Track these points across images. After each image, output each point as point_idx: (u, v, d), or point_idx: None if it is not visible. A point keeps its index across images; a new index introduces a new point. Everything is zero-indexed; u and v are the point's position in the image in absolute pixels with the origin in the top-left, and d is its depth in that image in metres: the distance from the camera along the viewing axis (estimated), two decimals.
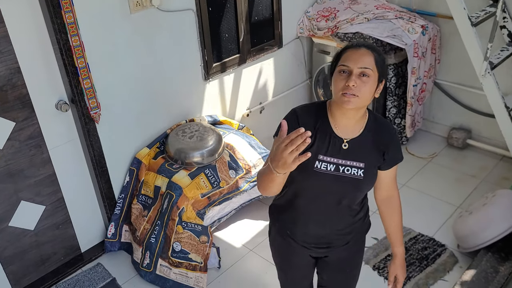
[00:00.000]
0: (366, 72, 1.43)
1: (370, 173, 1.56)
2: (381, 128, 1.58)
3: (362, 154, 1.54)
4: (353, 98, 1.43)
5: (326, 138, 1.53)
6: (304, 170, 1.52)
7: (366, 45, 1.48)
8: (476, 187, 3.23)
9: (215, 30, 3.07)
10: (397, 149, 1.62)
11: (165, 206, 2.72)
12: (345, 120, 1.53)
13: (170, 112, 3.01)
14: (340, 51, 1.52)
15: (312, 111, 1.57)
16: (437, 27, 3.43)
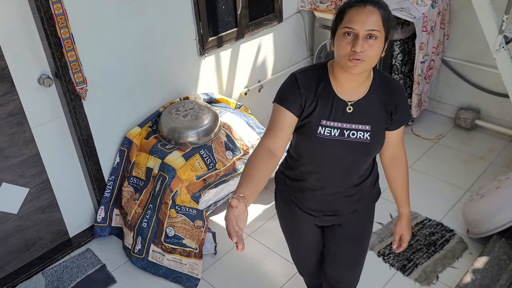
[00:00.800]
0: (374, 34, 1.33)
1: (378, 135, 1.49)
2: (388, 87, 1.50)
3: (368, 116, 1.47)
4: (360, 63, 1.33)
5: (329, 102, 1.45)
6: (307, 137, 1.48)
7: (371, 1, 1.35)
8: (485, 170, 3.08)
9: (211, 1, 2.87)
10: (406, 109, 1.54)
11: (157, 189, 2.55)
12: (348, 82, 1.44)
13: (163, 89, 2.82)
14: (342, 7, 1.38)
15: (312, 74, 1.47)
16: (446, 0, 3.23)
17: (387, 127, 1.52)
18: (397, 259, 2.48)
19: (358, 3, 1.34)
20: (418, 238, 2.60)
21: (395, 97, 1.49)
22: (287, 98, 1.44)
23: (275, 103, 1.48)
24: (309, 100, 1.44)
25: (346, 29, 1.33)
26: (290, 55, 3.60)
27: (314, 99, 1.44)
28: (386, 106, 1.49)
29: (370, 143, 1.47)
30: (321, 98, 1.45)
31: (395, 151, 1.63)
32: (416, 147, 3.33)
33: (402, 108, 1.51)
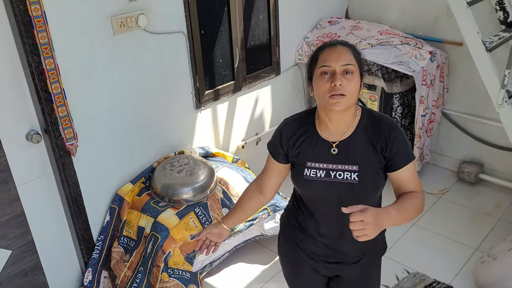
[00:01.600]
0: (350, 68, 1.37)
1: (367, 175, 1.43)
2: (377, 123, 1.45)
3: (355, 155, 1.44)
4: (341, 98, 1.36)
5: (312, 143, 1.48)
6: (296, 179, 1.53)
7: (340, 42, 1.43)
8: (493, 227, 2.95)
9: (208, 55, 2.83)
10: (402, 145, 1.43)
11: (149, 250, 2.40)
12: (333, 124, 1.45)
13: (157, 144, 2.73)
14: (315, 52, 1.45)
15: (299, 120, 1.54)
16: (445, 53, 3.22)
17: (383, 167, 1.44)
18: None
19: (328, 45, 1.42)
20: None
21: (385, 133, 1.43)
22: (273, 146, 1.58)
23: (268, 149, 1.61)
24: (292, 147, 1.50)
25: (322, 69, 1.38)
26: (288, 108, 3.54)
27: (297, 145, 1.49)
28: (375, 144, 1.43)
29: (358, 184, 1.42)
30: (305, 142, 1.49)
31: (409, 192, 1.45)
32: None
33: (397, 144, 1.41)
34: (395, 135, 1.42)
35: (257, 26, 3.09)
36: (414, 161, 1.46)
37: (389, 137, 1.42)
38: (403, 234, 2.88)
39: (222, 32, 2.86)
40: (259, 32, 3.12)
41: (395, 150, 1.41)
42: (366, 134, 1.45)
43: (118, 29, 2.33)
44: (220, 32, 2.86)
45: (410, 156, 1.45)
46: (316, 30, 3.45)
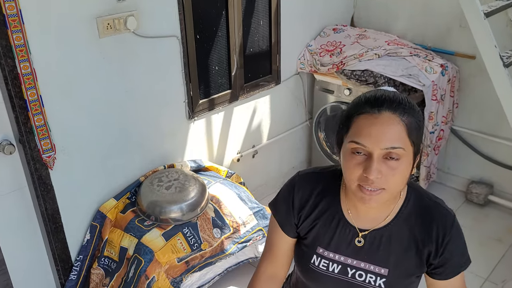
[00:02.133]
0: (396, 153, 0.96)
1: (399, 284, 1.09)
2: (429, 215, 1.07)
3: (388, 255, 1.08)
4: (376, 194, 0.98)
5: (332, 224, 1.11)
6: (299, 263, 1.19)
7: (390, 104, 0.97)
8: (504, 254, 2.75)
9: (203, 61, 2.63)
10: (457, 250, 1.09)
11: (131, 275, 2.19)
12: (364, 207, 1.07)
13: (146, 156, 2.52)
14: (349, 111, 1.03)
15: (318, 182, 1.14)
16: (456, 67, 3.03)
17: (421, 274, 1.13)
18: None
19: (370, 107, 0.98)
20: None
21: (437, 233, 1.07)
22: (280, 210, 1.18)
23: (271, 210, 1.18)
24: (306, 218, 1.13)
25: (354, 145, 0.98)
26: (288, 119, 3.34)
27: (313, 217, 1.13)
28: (420, 245, 1.08)
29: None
30: (322, 218, 1.12)
31: None
32: None
33: (451, 248, 1.07)
34: (451, 236, 1.07)
35: (257, 32, 2.89)
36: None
37: (442, 240, 1.07)
38: None
39: (219, 37, 2.66)
40: (259, 38, 2.92)
41: (446, 257, 1.08)
42: (409, 227, 1.09)
43: (104, 32, 2.12)
44: (217, 37, 2.66)
45: (463, 265, 1.12)
46: (319, 38, 3.25)
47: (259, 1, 2.82)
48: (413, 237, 1.08)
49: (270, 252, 1.23)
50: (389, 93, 1.00)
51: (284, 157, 3.43)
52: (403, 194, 1.10)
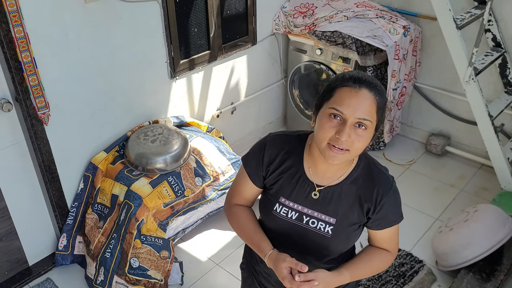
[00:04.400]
0: (365, 123, 1.16)
1: (343, 232, 1.30)
2: (372, 180, 1.28)
3: (336, 207, 1.29)
4: (342, 153, 1.17)
5: (294, 179, 1.30)
6: (264, 209, 1.37)
7: (368, 83, 1.17)
8: (454, 198, 3.10)
9: (183, 24, 2.81)
10: (391, 210, 1.30)
11: (122, 218, 2.46)
12: (323, 165, 1.27)
13: (131, 113, 2.74)
14: (334, 83, 1.20)
15: (286, 143, 1.32)
16: (419, 28, 3.26)
17: (362, 224, 1.33)
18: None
19: (352, 82, 1.16)
20: (387, 269, 2.57)
21: (376, 194, 1.27)
22: (250, 163, 1.37)
23: (242, 161, 1.40)
24: (272, 173, 1.32)
25: (333, 111, 1.16)
26: (264, 77, 3.56)
27: (278, 172, 1.31)
28: (363, 202, 1.28)
29: (330, 239, 1.29)
30: (287, 173, 1.31)
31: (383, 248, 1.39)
32: None
33: (386, 208, 1.28)
34: (388, 199, 1.27)
35: None
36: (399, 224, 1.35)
37: (380, 201, 1.27)
38: None
39: (197, 0, 2.83)
40: (235, 0, 3.09)
41: (382, 214, 1.28)
42: (356, 187, 1.28)
43: None
44: (196, 0, 2.82)
45: (397, 220, 1.33)
46: (293, 0, 3.43)
47: None
48: (358, 196, 1.28)
49: (237, 196, 1.43)
50: (369, 76, 1.20)
51: (261, 113, 3.68)
52: (355, 160, 1.30)
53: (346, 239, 1.32)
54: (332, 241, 1.29)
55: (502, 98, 2.94)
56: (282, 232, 1.34)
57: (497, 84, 3.10)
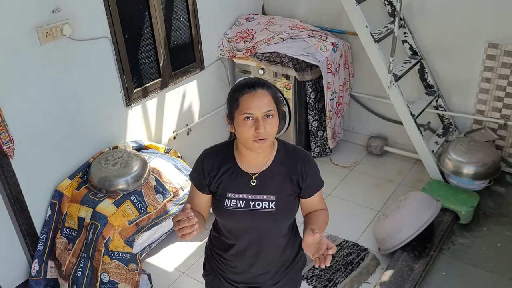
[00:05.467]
0: (271, 113, 1.45)
1: (284, 204, 1.56)
2: (293, 157, 1.57)
3: (273, 186, 1.55)
4: (264, 142, 1.45)
5: (233, 175, 1.56)
6: (217, 209, 1.60)
7: (259, 84, 1.46)
8: (394, 191, 3.45)
9: (133, 56, 3.09)
10: (314, 176, 1.60)
11: (90, 237, 2.66)
12: (252, 157, 1.54)
13: (92, 141, 2.97)
14: (235, 94, 1.47)
15: (219, 152, 1.59)
16: (347, 43, 3.66)
17: (298, 195, 1.59)
18: (319, 280, 2.73)
19: (248, 88, 1.44)
20: (337, 259, 2.86)
21: (299, 166, 1.55)
22: (195, 177, 1.60)
23: (190, 179, 1.64)
24: (214, 178, 1.56)
25: (245, 115, 1.42)
26: (215, 99, 3.86)
27: (219, 176, 1.55)
28: (291, 176, 1.55)
29: (275, 213, 1.53)
30: (226, 174, 1.55)
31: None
32: (334, 176, 3.66)
33: (310, 175, 1.56)
34: (309, 168, 1.56)
35: (178, 26, 3.36)
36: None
37: (303, 170, 1.55)
38: None
39: (145, 34, 3.12)
40: (180, 31, 3.39)
41: (309, 182, 1.57)
42: (283, 166, 1.55)
43: (44, 39, 2.53)
44: (143, 34, 3.11)
45: (320, 184, 1.62)
46: (234, 27, 3.77)
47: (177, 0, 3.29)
48: (286, 172, 1.55)
49: (192, 207, 1.58)
50: (257, 78, 1.49)
51: (215, 132, 3.96)
52: (275, 146, 1.57)
53: (288, 209, 1.57)
54: (278, 214, 1.54)
55: (423, 99, 3.34)
56: (237, 221, 1.57)
57: (420, 87, 3.51)
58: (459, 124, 3.47)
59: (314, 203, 1.63)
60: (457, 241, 2.81)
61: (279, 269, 1.67)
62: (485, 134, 3.24)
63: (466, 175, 3.00)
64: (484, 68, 3.17)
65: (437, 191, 3.06)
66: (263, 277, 1.67)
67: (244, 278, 1.67)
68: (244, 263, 1.65)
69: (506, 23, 3.01)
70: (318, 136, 3.78)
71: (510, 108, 3.18)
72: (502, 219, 2.96)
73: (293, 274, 1.73)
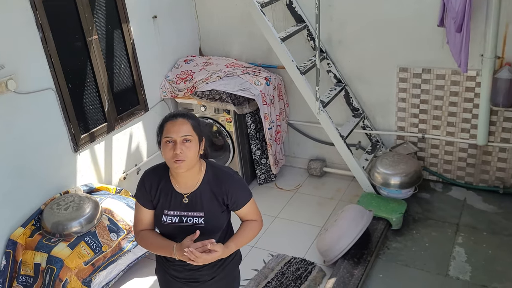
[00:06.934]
0: (188, 138, 1.72)
1: (212, 219, 1.81)
2: (218, 179, 1.82)
3: (201, 204, 1.80)
4: (182, 162, 1.70)
5: (168, 195, 1.81)
6: (157, 223, 1.87)
7: (181, 115, 1.76)
8: (334, 208, 3.74)
9: (78, 104, 3.25)
10: (240, 193, 1.84)
11: (47, 282, 2.73)
12: (182, 179, 1.80)
13: (42, 188, 3.06)
14: (161, 122, 1.78)
15: (157, 173, 1.85)
16: (279, 76, 4.00)
17: (226, 210, 1.83)
18: None
19: (171, 117, 1.75)
20: (287, 275, 3.08)
21: (224, 186, 1.80)
22: (139, 195, 1.86)
23: (135, 199, 1.89)
24: (154, 196, 1.82)
25: (166, 139, 1.72)
26: None
27: (157, 194, 1.82)
28: (217, 195, 1.80)
29: (204, 227, 1.79)
30: (163, 192, 1.81)
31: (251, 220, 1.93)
32: (280, 199, 3.91)
33: (235, 193, 1.81)
34: (233, 186, 1.81)
35: (120, 72, 3.57)
36: (252, 198, 1.89)
37: (228, 190, 1.80)
38: (268, 227, 3.54)
39: (88, 83, 3.30)
40: (122, 77, 3.60)
41: (234, 198, 1.82)
42: (209, 186, 1.80)
43: None
44: (87, 83, 3.29)
45: (247, 198, 1.86)
46: (174, 69, 4.03)
47: (117, 48, 3.51)
48: (213, 192, 1.81)
49: (139, 224, 1.89)
50: (182, 110, 1.82)
51: None
52: (203, 169, 1.83)
53: (216, 223, 1.83)
54: (206, 228, 1.79)
55: (351, 121, 3.71)
56: (173, 233, 1.83)
57: (347, 111, 3.88)
58: (385, 141, 3.85)
59: (244, 214, 1.89)
60: (391, 245, 3.11)
61: (213, 266, 1.90)
62: (407, 148, 3.63)
63: (394, 185, 3.35)
64: (399, 90, 3.59)
65: (370, 202, 3.38)
66: (199, 274, 1.90)
67: (184, 275, 1.92)
68: (182, 264, 1.86)
69: (411, 49, 3.45)
70: (262, 163, 4.04)
71: (425, 122, 3.60)
72: (429, 221, 3.30)
73: (229, 269, 1.97)
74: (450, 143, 3.58)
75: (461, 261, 2.92)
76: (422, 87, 3.50)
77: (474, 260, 2.92)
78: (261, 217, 1.96)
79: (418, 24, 3.35)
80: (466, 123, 3.46)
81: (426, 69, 3.44)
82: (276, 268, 3.13)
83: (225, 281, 1.99)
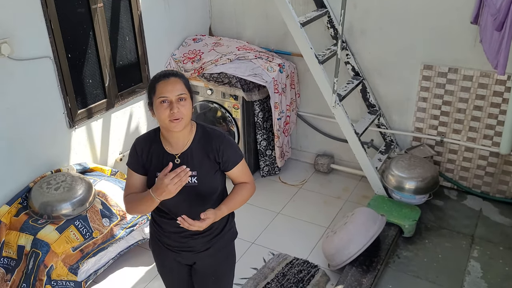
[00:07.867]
0: (183, 96, 1.70)
1: (205, 178, 1.78)
2: (209, 137, 1.80)
3: (193, 163, 1.77)
4: (179, 121, 1.68)
5: (160, 157, 1.78)
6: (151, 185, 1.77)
7: (173, 74, 1.73)
8: (341, 208, 3.53)
9: (77, 76, 3.00)
10: (231, 151, 1.81)
11: (30, 267, 2.52)
12: (173, 139, 1.77)
13: (32, 164, 2.83)
14: (152, 82, 1.73)
15: (147, 138, 1.83)
16: (293, 64, 3.76)
17: (219, 169, 1.80)
18: None
19: (163, 77, 1.71)
20: (288, 277, 2.88)
21: (215, 144, 1.79)
22: (132, 162, 1.83)
23: (128, 165, 1.85)
24: (146, 159, 1.80)
25: (161, 99, 1.68)
26: None
27: (149, 158, 1.79)
28: (208, 153, 1.79)
29: (198, 186, 1.77)
30: (154, 156, 1.79)
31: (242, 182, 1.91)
32: (283, 194, 3.70)
33: (226, 152, 1.79)
34: (224, 144, 1.79)
35: (124, 46, 3.32)
36: (243, 160, 1.86)
37: (218, 148, 1.79)
38: (269, 223, 3.34)
39: (89, 54, 3.05)
40: (126, 52, 3.35)
41: (225, 156, 1.80)
42: (200, 145, 1.79)
43: None
44: (88, 54, 3.04)
45: (238, 158, 1.84)
46: (182, 47, 3.77)
47: (122, 19, 3.25)
48: (204, 150, 1.78)
49: (130, 188, 1.84)
50: (171, 69, 1.74)
51: None
52: (194, 128, 1.79)
53: (210, 183, 1.80)
54: (200, 187, 1.77)
55: (366, 118, 3.48)
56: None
57: (362, 107, 3.66)
58: (400, 141, 3.64)
59: (236, 175, 1.87)
60: (401, 254, 2.92)
61: (208, 236, 1.88)
62: (424, 151, 3.42)
63: (408, 190, 3.14)
64: (421, 88, 3.37)
65: (382, 206, 3.18)
66: (194, 242, 1.88)
67: (178, 243, 1.89)
68: (177, 231, 1.84)
69: (439, 46, 3.22)
70: (266, 155, 3.82)
71: (445, 125, 3.39)
72: (442, 231, 3.11)
73: (224, 242, 1.94)
74: (469, 149, 3.37)
75: (477, 277, 2.73)
76: (447, 87, 3.28)
77: (490, 277, 2.73)
78: (253, 180, 1.94)
79: (450, 19, 3.12)
80: (489, 129, 3.25)
81: (453, 69, 3.22)
82: (277, 269, 2.93)
83: (219, 255, 1.96)
